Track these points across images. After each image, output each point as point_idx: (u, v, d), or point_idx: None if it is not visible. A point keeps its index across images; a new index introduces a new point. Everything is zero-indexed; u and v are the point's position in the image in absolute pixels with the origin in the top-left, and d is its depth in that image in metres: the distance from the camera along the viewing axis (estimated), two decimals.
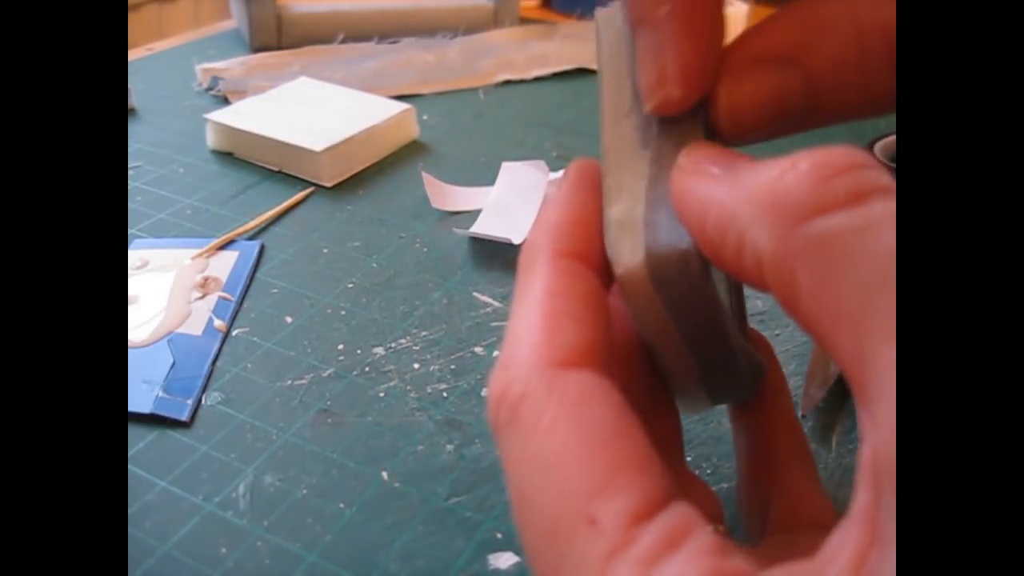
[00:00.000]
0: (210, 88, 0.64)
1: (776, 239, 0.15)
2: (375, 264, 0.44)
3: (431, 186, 0.50)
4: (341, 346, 0.38)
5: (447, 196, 0.50)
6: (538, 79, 0.69)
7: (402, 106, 0.56)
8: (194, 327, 0.39)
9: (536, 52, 0.72)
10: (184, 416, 0.34)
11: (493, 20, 0.77)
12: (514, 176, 0.50)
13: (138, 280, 0.42)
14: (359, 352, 0.38)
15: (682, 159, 0.19)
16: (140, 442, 0.33)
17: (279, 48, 0.72)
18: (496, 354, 0.38)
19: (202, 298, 0.41)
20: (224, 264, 0.43)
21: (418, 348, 0.38)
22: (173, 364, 0.36)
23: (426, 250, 0.45)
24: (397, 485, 0.31)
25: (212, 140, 0.55)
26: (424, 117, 0.60)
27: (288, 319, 0.40)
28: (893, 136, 0.50)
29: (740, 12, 0.75)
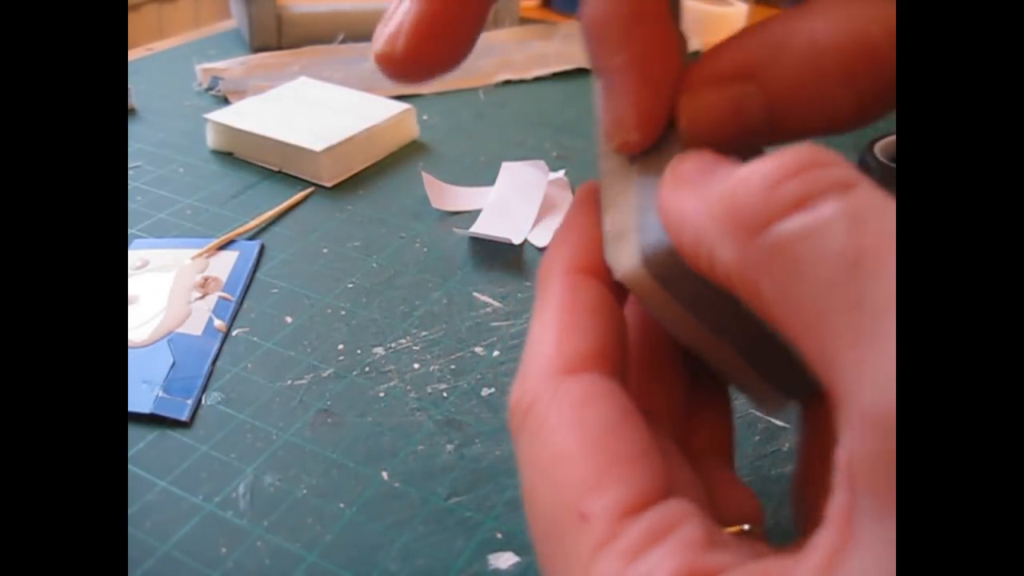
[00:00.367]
0: (210, 88, 0.64)
1: (737, 253, 0.16)
2: (375, 264, 0.44)
3: (431, 186, 0.50)
4: (341, 346, 0.38)
5: (447, 196, 0.50)
6: (538, 79, 0.69)
7: (402, 106, 0.56)
8: (194, 327, 0.39)
9: (536, 52, 0.72)
10: (184, 416, 0.34)
11: (493, 20, 0.78)
12: (514, 176, 0.50)
13: (138, 280, 0.42)
14: (359, 352, 0.38)
15: (667, 170, 0.19)
16: (140, 442, 0.33)
17: (279, 48, 0.72)
18: (496, 354, 0.38)
19: (202, 298, 0.41)
20: (224, 264, 0.43)
21: (418, 348, 0.38)
22: (173, 364, 0.36)
23: (426, 250, 0.45)
24: (397, 485, 0.31)
25: (212, 140, 0.55)
26: (424, 117, 0.60)
27: (288, 319, 0.40)
28: (893, 136, 0.50)
29: (740, 12, 0.75)
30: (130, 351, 0.37)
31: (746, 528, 0.18)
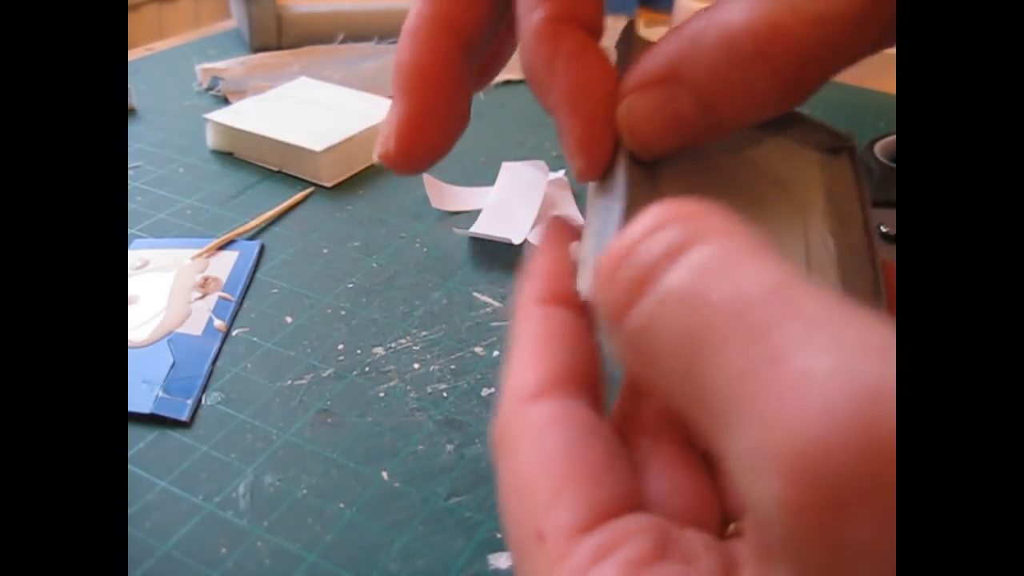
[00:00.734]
0: (210, 88, 0.64)
1: (615, 346, 0.16)
2: (375, 264, 0.44)
3: (431, 186, 0.50)
4: (341, 346, 0.38)
5: (447, 196, 0.50)
6: None
7: None
8: (194, 327, 0.39)
9: None
10: (184, 416, 0.34)
11: None
12: (514, 176, 0.50)
13: (138, 280, 0.42)
14: (359, 352, 0.38)
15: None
16: (140, 442, 0.33)
17: (279, 48, 0.72)
18: (496, 354, 0.38)
19: (202, 298, 0.41)
20: (224, 264, 0.43)
21: (418, 348, 0.38)
22: (173, 364, 0.36)
23: (426, 250, 0.45)
24: (397, 485, 0.31)
25: (212, 140, 0.55)
26: None
27: (288, 319, 0.40)
28: (893, 136, 0.50)
29: None
30: (130, 351, 0.37)
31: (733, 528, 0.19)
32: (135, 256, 0.44)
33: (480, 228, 0.46)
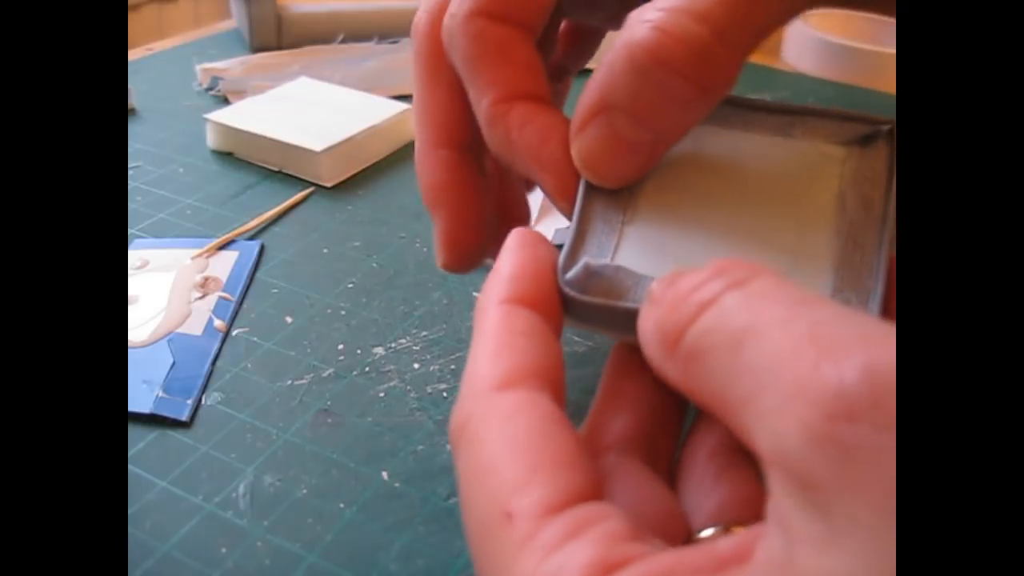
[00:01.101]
0: (210, 88, 0.64)
1: (671, 365, 0.18)
2: (375, 264, 0.44)
3: None
4: (341, 346, 0.38)
5: None
6: None
7: (402, 106, 0.56)
8: (194, 327, 0.39)
9: None
10: (184, 416, 0.34)
11: None
12: None
13: (138, 280, 0.42)
14: (359, 352, 0.38)
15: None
16: (140, 442, 0.33)
17: (279, 48, 0.72)
18: None
19: (202, 298, 0.41)
20: (224, 264, 0.43)
21: (418, 348, 0.38)
22: (173, 364, 0.36)
23: (426, 250, 0.45)
24: (397, 485, 0.31)
25: (212, 140, 0.55)
26: None
27: (288, 319, 0.40)
28: None
29: None
30: (130, 351, 0.37)
31: (711, 531, 0.19)
32: (135, 256, 0.44)
33: None
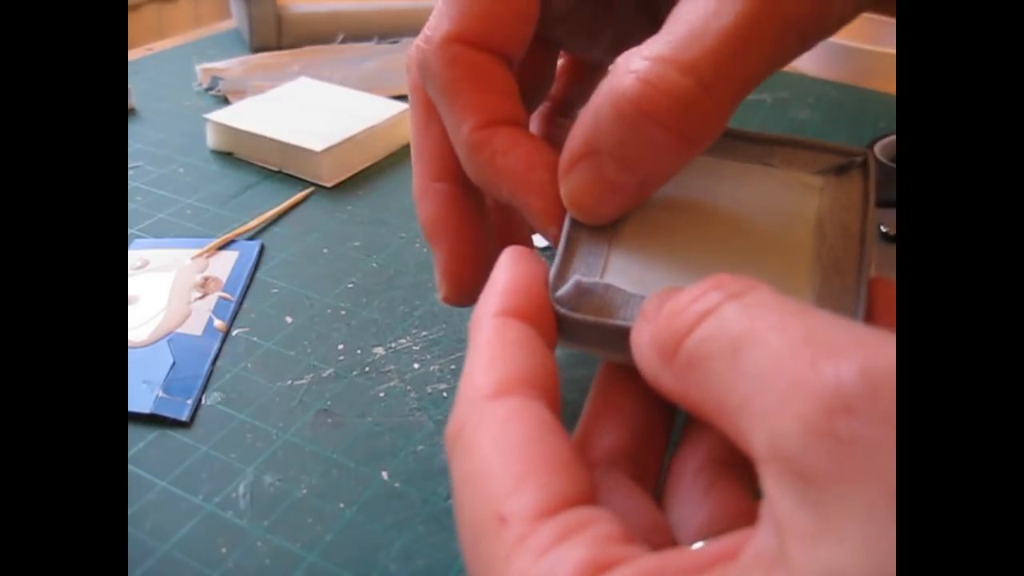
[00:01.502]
0: (210, 88, 0.64)
1: (668, 374, 0.19)
2: (375, 264, 0.44)
3: None
4: (341, 346, 0.38)
5: None
6: None
7: (402, 106, 0.56)
8: (194, 327, 0.39)
9: None
10: (184, 416, 0.34)
11: None
12: None
13: (138, 280, 0.42)
14: (359, 352, 0.38)
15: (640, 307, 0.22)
16: (140, 442, 0.33)
17: (279, 48, 0.72)
18: None
19: (202, 298, 0.41)
20: (224, 264, 0.43)
21: (418, 348, 0.38)
22: (173, 364, 0.36)
23: (426, 250, 0.45)
24: (397, 485, 0.31)
25: (212, 140, 0.55)
26: None
27: (288, 319, 0.40)
28: (893, 136, 0.50)
29: None
30: (130, 351, 0.37)
31: (699, 545, 0.19)
32: (135, 256, 0.44)
33: None
